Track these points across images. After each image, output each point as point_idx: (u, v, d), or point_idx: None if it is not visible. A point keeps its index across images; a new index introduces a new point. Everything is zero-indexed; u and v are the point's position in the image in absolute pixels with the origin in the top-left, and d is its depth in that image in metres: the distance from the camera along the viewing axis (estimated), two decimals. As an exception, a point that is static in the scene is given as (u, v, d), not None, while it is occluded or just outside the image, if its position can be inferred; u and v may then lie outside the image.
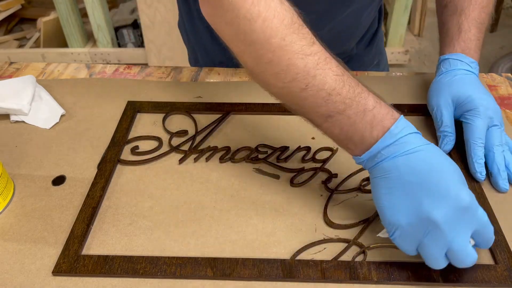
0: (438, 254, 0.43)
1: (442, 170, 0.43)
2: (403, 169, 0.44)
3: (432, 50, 2.48)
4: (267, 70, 0.47)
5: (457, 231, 0.42)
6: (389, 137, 0.44)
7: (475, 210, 0.43)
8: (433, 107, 0.64)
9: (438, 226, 0.42)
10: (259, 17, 0.44)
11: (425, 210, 0.42)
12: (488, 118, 0.58)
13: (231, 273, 0.47)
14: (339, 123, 0.46)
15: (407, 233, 0.44)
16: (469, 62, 0.63)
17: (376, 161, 0.45)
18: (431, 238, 0.42)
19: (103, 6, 2.10)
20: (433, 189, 0.42)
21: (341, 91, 0.45)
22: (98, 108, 0.70)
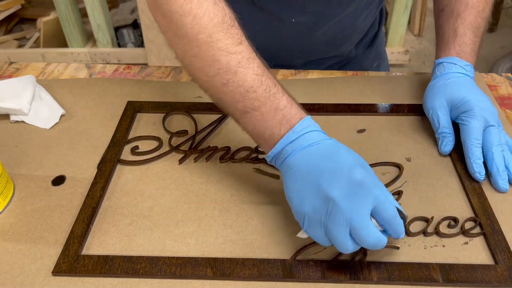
0: (342, 234, 0.43)
1: (338, 155, 0.45)
2: (303, 161, 0.46)
3: (432, 50, 2.48)
4: (193, 64, 0.50)
5: (355, 207, 0.43)
6: (292, 134, 0.47)
7: (370, 187, 0.43)
8: (428, 110, 0.64)
9: (335, 203, 0.42)
10: (190, 13, 0.47)
11: (323, 189, 0.43)
12: (484, 119, 0.59)
13: (231, 273, 0.47)
14: (253, 120, 0.48)
15: (313, 219, 0.45)
16: (463, 65, 0.64)
17: (282, 158, 0.48)
18: (332, 217, 0.43)
19: (103, 6, 2.10)
20: (328, 172, 0.44)
21: (257, 89, 0.47)
22: (98, 108, 0.70)
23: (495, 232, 0.51)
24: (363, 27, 0.80)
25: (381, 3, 0.80)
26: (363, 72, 0.79)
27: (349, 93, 0.73)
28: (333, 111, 0.68)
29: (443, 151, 0.61)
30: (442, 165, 0.60)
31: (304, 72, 0.79)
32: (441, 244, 0.51)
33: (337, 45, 0.79)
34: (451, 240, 0.51)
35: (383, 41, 0.92)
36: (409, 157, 0.61)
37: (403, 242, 0.51)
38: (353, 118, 0.68)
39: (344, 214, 0.42)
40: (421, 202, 0.55)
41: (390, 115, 0.68)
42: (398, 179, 0.58)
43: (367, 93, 0.73)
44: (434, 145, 0.63)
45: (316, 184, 0.44)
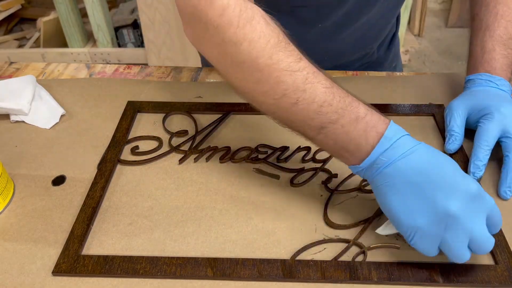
0: (462, 246, 0.43)
1: (443, 165, 0.44)
2: (406, 172, 0.44)
3: (432, 50, 2.48)
4: (256, 89, 0.48)
5: (474, 219, 0.43)
6: (385, 142, 0.45)
7: (484, 196, 0.44)
8: (446, 110, 0.64)
9: (456, 218, 0.42)
10: (245, 39, 0.45)
11: (440, 205, 0.42)
12: (502, 125, 0.57)
13: (231, 273, 0.47)
14: (333, 134, 0.46)
15: (427, 233, 0.44)
16: (495, 80, 0.62)
17: (376, 168, 0.45)
18: (452, 232, 0.43)
19: (103, 6, 2.10)
20: (442, 184, 0.43)
21: (332, 102, 0.45)
22: (98, 108, 0.70)
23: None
24: (387, 27, 0.80)
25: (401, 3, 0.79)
26: (363, 72, 0.79)
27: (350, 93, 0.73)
28: (333, 111, 0.68)
29: (447, 148, 0.61)
30: (442, 165, 0.60)
31: (304, 72, 0.79)
32: (441, 244, 0.50)
33: (363, 46, 0.79)
34: (451, 240, 0.51)
35: (399, 42, 0.92)
36: (409, 157, 0.61)
37: (403, 242, 0.51)
38: (353, 118, 0.68)
39: (465, 227, 0.43)
40: (421, 202, 0.55)
41: (390, 115, 0.68)
42: (398, 179, 0.58)
43: (367, 93, 0.73)
44: (434, 145, 0.63)
45: (430, 199, 0.43)
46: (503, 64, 0.63)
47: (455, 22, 2.62)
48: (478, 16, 0.67)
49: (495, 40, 0.64)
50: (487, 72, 0.63)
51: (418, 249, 0.45)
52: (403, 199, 0.44)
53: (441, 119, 0.66)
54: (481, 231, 0.43)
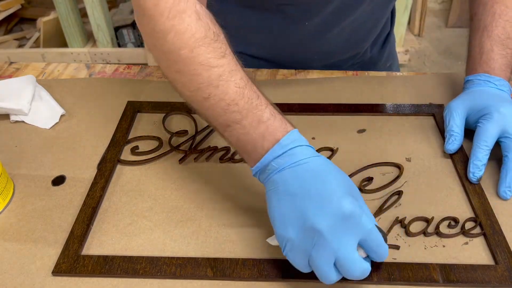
0: (326, 266, 0.42)
1: (326, 180, 0.43)
2: (290, 181, 0.44)
3: (432, 50, 2.48)
4: (177, 79, 0.49)
5: (342, 240, 0.41)
6: (278, 148, 0.45)
7: (359, 218, 0.42)
8: (445, 110, 0.64)
9: (322, 236, 0.41)
10: (172, 30, 0.47)
11: (310, 220, 0.41)
12: (501, 125, 0.57)
13: (231, 273, 0.47)
14: (236, 133, 0.47)
15: (296, 246, 0.43)
16: (494, 80, 0.62)
17: (267, 173, 0.46)
18: (317, 249, 0.41)
19: (103, 6, 2.09)
20: (317, 199, 0.42)
21: (239, 102, 0.46)
22: (98, 108, 0.70)
23: (495, 232, 0.51)
24: (379, 25, 0.80)
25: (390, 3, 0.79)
26: (363, 72, 0.79)
27: (349, 93, 0.73)
28: (333, 111, 0.68)
29: (446, 148, 0.61)
30: (442, 165, 0.60)
31: (304, 72, 0.79)
32: (441, 244, 0.51)
33: (353, 46, 0.79)
34: (451, 240, 0.51)
35: (394, 41, 0.92)
36: (409, 157, 0.61)
37: (403, 242, 0.51)
38: (353, 118, 0.68)
39: (331, 247, 0.41)
40: (421, 202, 0.55)
41: (390, 115, 0.68)
42: (398, 179, 0.58)
43: (367, 93, 0.73)
44: (434, 145, 0.63)
45: (302, 211, 0.42)
46: (502, 64, 0.63)
47: (455, 22, 2.62)
48: (476, 16, 0.67)
49: (493, 40, 0.64)
50: (486, 72, 0.63)
51: (291, 262, 0.44)
52: (281, 209, 0.44)
53: (441, 119, 0.66)
54: (347, 253, 0.41)
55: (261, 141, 0.46)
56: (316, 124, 0.67)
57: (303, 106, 0.69)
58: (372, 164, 0.60)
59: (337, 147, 0.62)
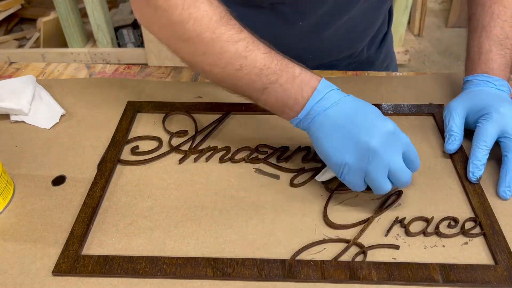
0: (382, 177, 0.50)
1: (365, 110, 0.51)
2: (335, 117, 0.51)
3: (432, 50, 2.48)
4: (204, 61, 0.54)
5: (392, 152, 0.49)
6: (317, 94, 0.51)
7: (400, 134, 0.51)
8: (444, 110, 0.64)
9: (376, 152, 0.49)
10: (190, 18, 0.51)
11: (363, 142, 0.49)
12: (500, 125, 0.57)
13: (231, 273, 0.47)
14: (274, 92, 0.52)
15: (353, 168, 0.50)
16: (493, 80, 0.62)
17: (311, 118, 0.52)
18: (373, 164, 0.49)
19: (103, 6, 2.09)
20: (364, 125, 0.50)
21: (270, 65, 0.52)
22: (98, 108, 0.70)
23: (495, 232, 0.51)
24: (375, 26, 0.80)
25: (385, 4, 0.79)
26: (363, 72, 0.79)
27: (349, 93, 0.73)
28: (333, 111, 0.68)
29: (446, 148, 0.61)
30: (442, 165, 0.60)
31: (304, 72, 0.79)
32: (441, 244, 0.51)
33: (348, 46, 0.79)
34: (451, 240, 0.51)
35: (392, 41, 0.92)
36: (409, 157, 0.61)
37: (403, 242, 0.51)
38: (353, 118, 0.68)
39: (384, 160, 0.49)
40: (421, 202, 0.55)
41: (390, 115, 0.68)
42: (398, 179, 0.58)
43: (367, 93, 0.73)
44: (434, 145, 0.63)
45: (355, 138, 0.49)
46: (501, 64, 0.63)
47: (455, 22, 2.62)
48: (475, 16, 0.67)
49: (492, 40, 0.64)
50: (485, 73, 0.63)
51: (349, 184, 0.52)
52: (333, 141, 0.51)
53: (440, 119, 0.66)
54: (398, 163, 0.50)
55: (300, 92, 0.52)
56: (316, 124, 0.67)
57: (303, 106, 0.69)
58: (372, 164, 0.60)
59: (337, 147, 0.62)
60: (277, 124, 0.67)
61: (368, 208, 0.55)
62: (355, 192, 0.57)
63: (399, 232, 0.52)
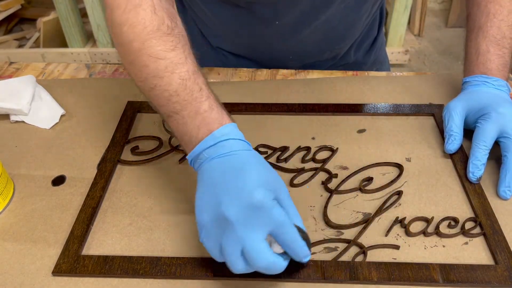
0: (234, 254, 0.42)
1: (246, 172, 0.44)
2: (214, 171, 0.45)
3: (432, 50, 2.48)
4: (130, 69, 0.52)
5: (249, 229, 0.41)
6: (211, 139, 0.46)
7: (269, 210, 0.42)
8: (444, 111, 0.63)
9: (231, 223, 0.41)
10: (127, 23, 0.50)
11: (221, 208, 0.42)
12: (500, 125, 0.57)
13: (231, 273, 0.47)
14: (176, 122, 0.49)
15: (210, 233, 0.43)
16: (492, 81, 0.62)
17: (199, 163, 0.47)
18: (226, 236, 0.42)
19: (103, 6, 2.09)
20: (232, 189, 0.43)
21: (180, 93, 0.48)
22: (98, 108, 0.70)
23: (495, 232, 0.51)
24: (357, 27, 0.79)
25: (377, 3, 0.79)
26: (363, 72, 0.79)
27: (349, 93, 0.73)
28: (333, 111, 0.68)
29: (447, 148, 0.60)
30: (442, 165, 0.60)
31: (304, 72, 0.79)
32: (441, 244, 0.51)
33: (328, 46, 0.79)
34: (451, 240, 0.51)
35: (383, 45, 0.92)
36: (409, 157, 0.61)
37: (403, 242, 0.51)
38: (353, 118, 0.68)
39: (237, 235, 0.41)
40: (421, 202, 0.55)
41: (390, 115, 0.68)
42: (398, 179, 0.58)
43: (367, 93, 0.73)
44: (434, 145, 0.63)
45: (217, 199, 0.43)
46: (499, 64, 0.63)
47: (455, 22, 2.62)
48: (471, 16, 0.67)
49: (489, 41, 0.63)
50: (483, 73, 0.63)
51: (207, 249, 0.45)
52: (202, 197, 0.45)
53: (440, 119, 0.66)
54: (254, 243, 0.41)
55: (196, 131, 0.47)
56: (316, 124, 0.67)
57: (303, 106, 0.69)
58: (372, 164, 0.60)
59: (337, 147, 0.62)
60: (277, 124, 0.67)
61: (368, 208, 0.55)
62: (355, 192, 0.57)
63: (399, 232, 0.52)
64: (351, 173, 0.59)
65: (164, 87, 0.48)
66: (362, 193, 0.56)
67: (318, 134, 0.65)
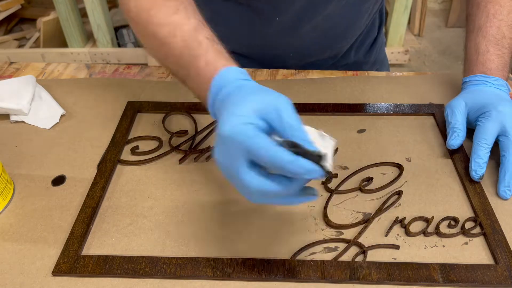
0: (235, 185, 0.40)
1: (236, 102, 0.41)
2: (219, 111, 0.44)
3: (432, 50, 2.48)
4: (145, 43, 0.54)
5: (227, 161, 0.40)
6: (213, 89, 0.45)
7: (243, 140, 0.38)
8: (446, 109, 0.64)
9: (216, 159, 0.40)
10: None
11: None
12: (501, 123, 0.58)
13: (231, 273, 0.47)
14: (191, 85, 0.50)
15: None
16: (492, 80, 0.63)
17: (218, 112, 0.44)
18: None
19: (103, 6, 2.09)
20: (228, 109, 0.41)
21: (184, 55, 0.49)
22: (98, 108, 0.70)
23: (495, 232, 0.51)
24: (358, 26, 0.80)
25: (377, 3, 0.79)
26: (363, 72, 0.79)
27: (349, 93, 0.73)
28: (333, 111, 0.68)
29: (449, 144, 0.60)
30: (442, 165, 0.60)
31: (304, 72, 0.79)
32: (441, 244, 0.51)
33: (329, 45, 0.79)
34: (451, 240, 0.51)
35: (383, 46, 0.92)
36: (409, 157, 0.61)
37: (403, 242, 0.51)
38: (353, 118, 0.68)
39: (222, 168, 0.40)
40: (421, 202, 0.55)
41: (390, 115, 0.68)
42: (398, 179, 0.58)
43: (367, 93, 0.73)
44: (434, 145, 0.63)
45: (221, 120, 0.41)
46: (499, 64, 0.63)
47: (455, 22, 2.62)
48: (471, 16, 0.67)
49: (489, 41, 0.64)
50: (483, 73, 0.63)
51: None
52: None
53: (440, 118, 0.66)
54: (234, 174, 0.39)
55: (204, 86, 0.46)
56: (316, 124, 0.67)
57: (303, 106, 0.69)
58: (372, 164, 0.60)
59: (337, 147, 0.62)
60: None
61: (368, 208, 0.55)
62: (355, 192, 0.57)
63: (399, 232, 0.52)
64: (351, 173, 0.59)
65: (172, 53, 0.50)
66: (362, 193, 0.56)
67: (318, 134, 0.65)
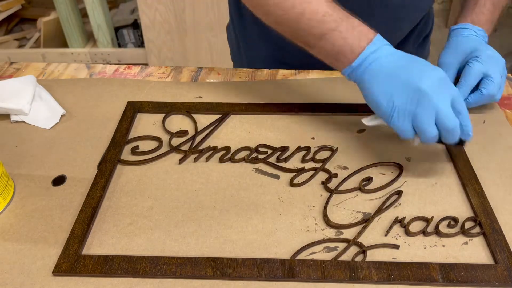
0: (429, 121, 0.51)
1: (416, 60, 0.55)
2: (387, 66, 0.54)
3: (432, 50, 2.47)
4: (271, 6, 0.57)
5: (440, 96, 0.51)
6: (372, 46, 0.54)
7: (450, 83, 0.53)
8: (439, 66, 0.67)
9: (425, 93, 0.51)
10: None
11: (413, 84, 0.52)
12: (486, 67, 0.63)
13: (231, 273, 0.47)
14: (332, 40, 0.55)
15: (402, 111, 0.52)
16: (476, 30, 0.68)
17: (364, 67, 0.54)
18: (421, 106, 0.51)
19: (103, 6, 2.09)
20: (415, 71, 0.53)
21: (332, 13, 0.55)
22: (98, 108, 0.71)
23: (495, 231, 0.51)
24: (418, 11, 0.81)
25: None
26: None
27: (349, 93, 0.73)
28: (333, 111, 0.68)
29: None
30: (442, 165, 0.60)
31: (304, 72, 0.79)
32: (441, 244, 0.51)
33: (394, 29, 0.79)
34: (451, 240, 0.51)
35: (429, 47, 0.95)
36: (409, 157, 0.61)
37: (403, 241, 0.51)
38: (353, 118, 0.68)
39: (432, 102, 0.51)
40: (421, 202, 0.55)
41: (390, 115, 0.68)
42: (398, 179, 0.58)
43: (367, 93, 0.73)
44: (434, 145, 0.63)
45: (406, 81, 0.52)
46: (488, 20, 0.70)
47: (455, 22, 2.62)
48: None
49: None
50: (473, 22, 0.69)
51: (397, 130, 0.54)
52: (384, 86, 0.53)
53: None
54: (445, 108, 0.51)
55: (357, 41, 0.54)
56: (316, 124, 0.67)
57: (303, 106, 0.69)
58: (372, 164, 0.60)
59: (337, 147, 0.62)
60: (277, 124, 0.67)
61: (368, 207, 0.55)
62: (355, 192, 0.57)
63: (399, 232, 0.52)
64: (351, 173, 0.59)
65: (315, 10, 0.55)
66: (362, 193, 0.57)
67: (318, 134, 0.65)
